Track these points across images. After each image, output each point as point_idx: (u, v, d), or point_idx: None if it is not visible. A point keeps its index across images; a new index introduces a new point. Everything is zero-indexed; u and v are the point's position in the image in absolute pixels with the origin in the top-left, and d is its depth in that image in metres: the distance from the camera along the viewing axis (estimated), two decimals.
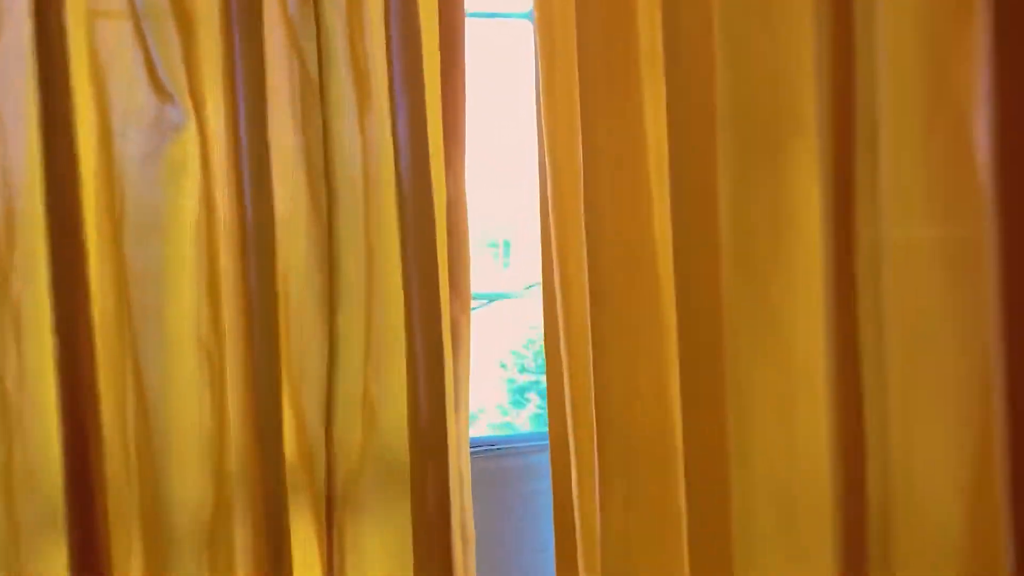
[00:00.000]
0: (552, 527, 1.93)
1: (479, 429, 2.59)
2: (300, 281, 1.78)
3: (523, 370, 2.90)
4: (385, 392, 1.82)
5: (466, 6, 1.89)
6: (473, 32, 1.93)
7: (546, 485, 1.99)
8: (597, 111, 1.82)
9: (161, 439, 1.70)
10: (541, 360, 2.22)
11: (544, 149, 1.94)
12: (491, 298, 2.60)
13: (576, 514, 1.95)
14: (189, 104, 1.68)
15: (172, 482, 1.71)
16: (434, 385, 1.81)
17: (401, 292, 1.80)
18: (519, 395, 2.88)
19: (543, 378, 2.04)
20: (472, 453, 1.93)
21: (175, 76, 1.68)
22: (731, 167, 1.42)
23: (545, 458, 1.99)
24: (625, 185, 1.81)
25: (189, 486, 1.70)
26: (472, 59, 1.92)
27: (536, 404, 2.82)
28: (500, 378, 2.84)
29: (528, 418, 2.81)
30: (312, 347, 1.78)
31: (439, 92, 1.85)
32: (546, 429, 2.02)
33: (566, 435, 1.92)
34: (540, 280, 1.97)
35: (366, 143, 1.81)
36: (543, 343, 1.99)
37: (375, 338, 1.82)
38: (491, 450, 2.13)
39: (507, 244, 2.76)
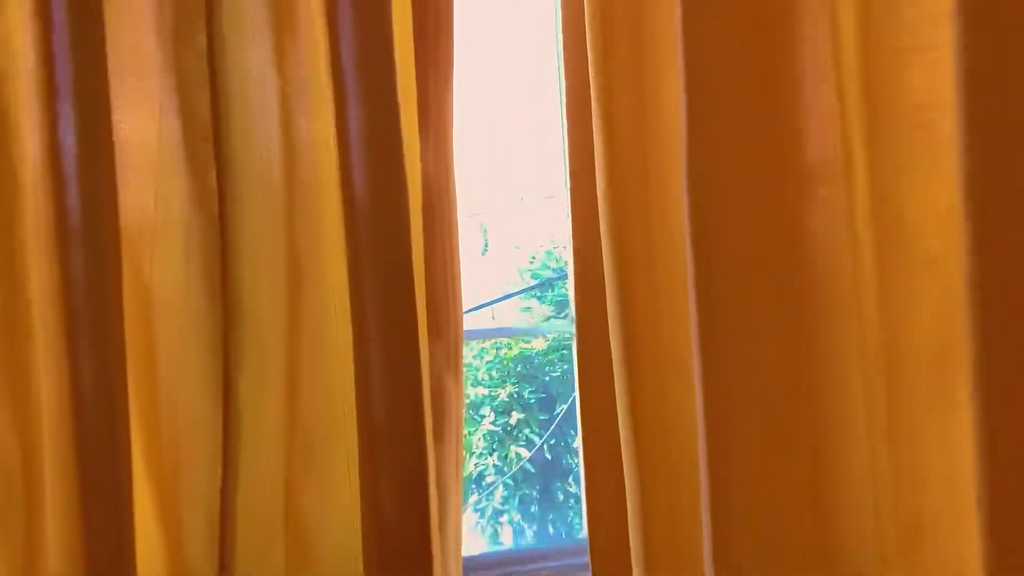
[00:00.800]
0: None
1: None
2: (171, 323, 1.24)
3: None
4: (325, 501, 1.31)
5: None
6: None
7: None
8: (711, 37, 1.15)
9: None
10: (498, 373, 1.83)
11: (595, 101, 1.30)
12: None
13: None
14: None
15: None
16: (406, 486, 1.29)
17: (350, 338, 1.27)
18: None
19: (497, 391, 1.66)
20: None
21: None
22: None
23: None
24: (769, 145, 1.13)
25: None
26: None
27: (491, 420, 2.43)
28: None
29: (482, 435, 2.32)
30: (194, 431, 1.26)
31: (410, 11, 1.35)
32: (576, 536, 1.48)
33: (621, 545, 1.38)
34: (571, 286, 1.46)
35: (288, 91, 1.28)
36: (577, 387, 1.44)
37: (305, 413, 1.30)
38: None
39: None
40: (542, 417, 3.81)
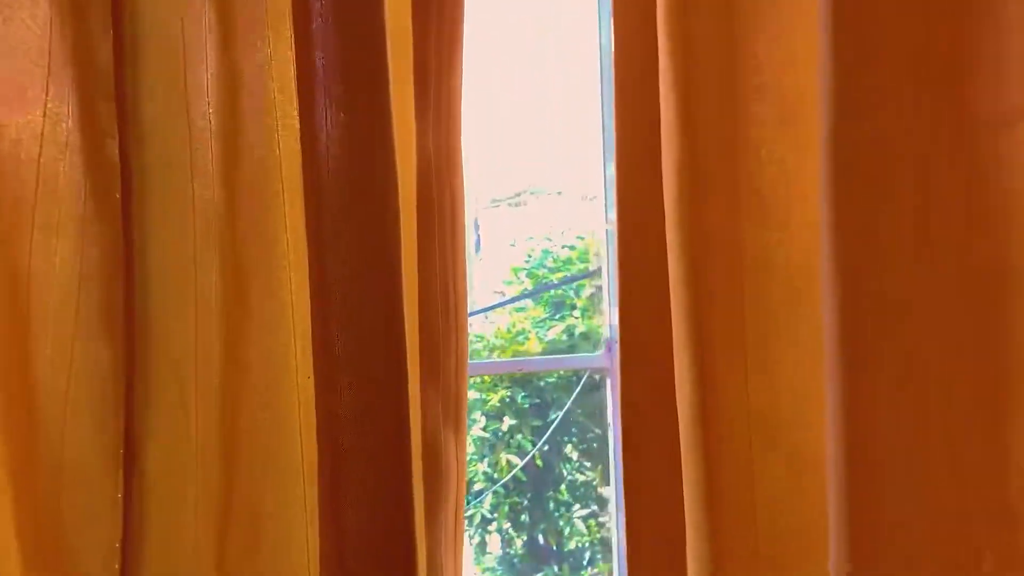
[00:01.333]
0: None
1: None
2: (57, 362, 0.92)
3: None
4: None
5: None
6: None
7: None
8: None
9: None
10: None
11: (667, 66, 0.94)
12: None
13: None
14: None
15: None
16: None
17: (310, 379, 0.98)
18: None
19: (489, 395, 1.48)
20: None
21: None
22: None
23: None
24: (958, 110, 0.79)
25: None
26: None
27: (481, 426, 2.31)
28: None
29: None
30: (85, 506, 0.94)
31: None
32: None
33: None
34: (615, 311, 1.19)
35: (229, 35, 0.97)
36: (622, 448, 1.11)
37: (249, 483, 0.99)
38: None
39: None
40: (535, 423, 3.77)
